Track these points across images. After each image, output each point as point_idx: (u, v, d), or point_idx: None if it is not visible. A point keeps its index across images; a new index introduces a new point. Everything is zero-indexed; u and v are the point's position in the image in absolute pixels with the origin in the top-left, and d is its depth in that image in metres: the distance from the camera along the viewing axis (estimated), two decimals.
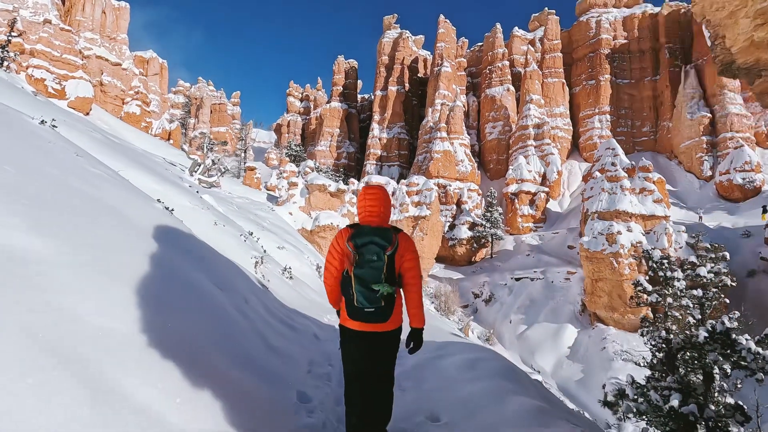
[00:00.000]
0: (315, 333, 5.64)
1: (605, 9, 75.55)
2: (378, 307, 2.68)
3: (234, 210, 15.56)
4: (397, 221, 38.71)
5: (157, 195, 7.93)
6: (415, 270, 2.82)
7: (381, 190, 2.95)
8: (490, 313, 36.05)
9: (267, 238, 13.36)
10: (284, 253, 12.92)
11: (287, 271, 9.51)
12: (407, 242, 2.83)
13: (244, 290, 4.76)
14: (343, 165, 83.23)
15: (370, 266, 2.67)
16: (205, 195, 12.84)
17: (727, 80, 56.87)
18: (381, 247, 2.70)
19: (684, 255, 27.41)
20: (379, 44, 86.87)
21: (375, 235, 2.74)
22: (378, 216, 2.87)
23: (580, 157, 70.41)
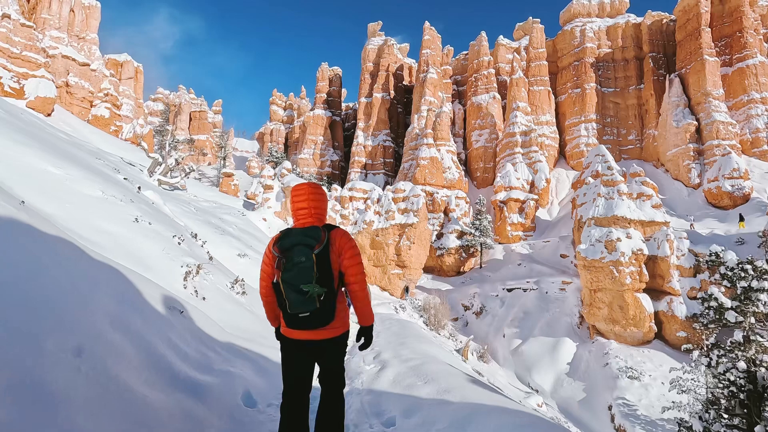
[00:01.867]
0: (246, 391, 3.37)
1: (589, 18, 75.90)
2: (313, 310, 2.55)
3: (190, 212, 13.16)
4: (383, 229, 36.54)
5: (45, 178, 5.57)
6: (355, 267, 2.75)
7: (310, 187, 2.86)
8: (482, 326, 33.95)
9: (226, 245, 11.01)
10: (245, 262, 10.58)
11: (239, 283, 7.20)
12: (343, 238, 2.75)
13: (90, 328, 2.48)
14: (327, 173, 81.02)
15: (298, 268, 2.52)
16: (148, 191, 10.44)
17: (711, 88, 56.99)
18: (308, 246, 2.58)
19: (686, 263, 25.88)
20: (363, 51, 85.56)
21: (302, 235, 2.63)
22: (309, 215, 2.79)
23: (566, 165, 69.73)
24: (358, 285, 2.73)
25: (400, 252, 36.59)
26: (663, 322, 25.06)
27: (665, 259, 25.39)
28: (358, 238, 36.98)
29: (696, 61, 59.02)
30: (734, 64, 59.21)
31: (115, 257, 4.70)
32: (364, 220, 36.93)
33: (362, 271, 2.80)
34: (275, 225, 21.59)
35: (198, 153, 32.13)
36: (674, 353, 24.19)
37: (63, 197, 5.49)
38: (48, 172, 5.94)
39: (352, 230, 36.74)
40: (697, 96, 58.14)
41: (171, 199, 14.55)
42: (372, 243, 37.26)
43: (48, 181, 5.64)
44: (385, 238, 36.66)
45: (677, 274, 25.42)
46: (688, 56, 60.82)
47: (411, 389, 3.65)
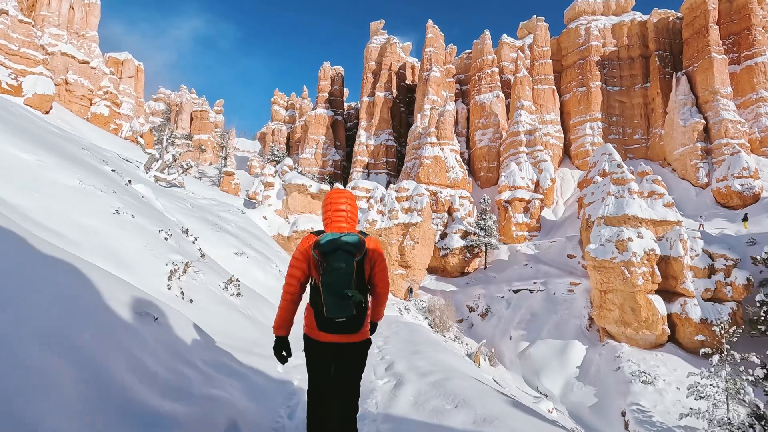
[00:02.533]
0: (232, 421, 2.64)
1: (594, 17, 75.06)
2: (350, 316, 2.58)
3: (185, 208, 12.46)
4: (386, 229, 35.79)
5: (10, 164, 4.85)
6: (384, 273, 2.85)
7: (348, 194, 2.95)
8: (487, 328, 33.16)
9: (222, 242, 10.29)
10: (243, 261, 9.85)
11: (233, 284, 6.47)
12: (377, 247, 2.84)
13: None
14: (329, 173, 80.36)
15: (339, 273, 2.54)
16: (139, 185, 9.74)
17: (719, 86, 56.07)
18: (349, 254, 2.60)
19: (701, 264, 25.07)
20: (366, 50, 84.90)
21: (343, 240, 2.63)
22: (346, 221, 2.83)
23: (571, 164, 68.88)
24: (384, 290, 2.87)
25: (403, 252, 35.84)
26: (676, 324, 24.24)
27: (679, 259, 24.57)
28: None
29: (703, 59, 58.10)
30: (742, 62, 58.27)
31: (83, 253, 3.99)
32: (367, 219, 36.20)
33: (388, 278, 2.91)
34: (276, 223, 20.87)
35: (197, 149, 31.46)
36: (688, 357, 23.39)
37: (30, 185, 4.78)
38: (16, 157, 5.24)
39: None
40: (704, 94, 57.22)
41: (166, 195, 13.85)
42: None
43: (13, 167, 4.93)
44: (388, 237, 35.92)
45: (691, 275, 24.61)
46: (696, 54, 59.90)
47: (439, 416, 2.94)
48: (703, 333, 23.32)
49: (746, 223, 42.09)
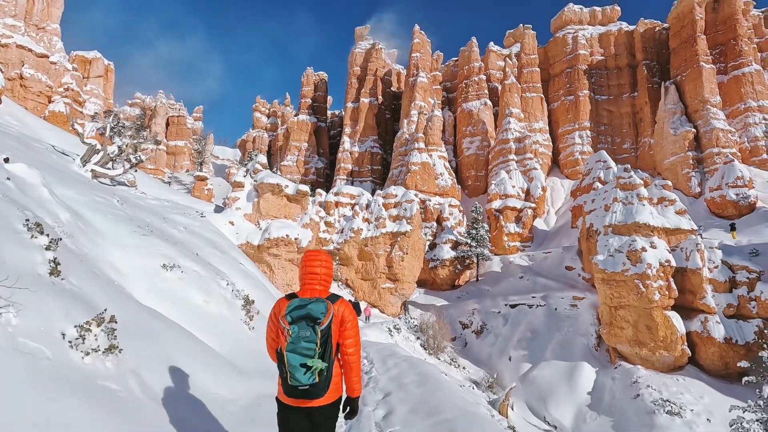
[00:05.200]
0: None
1: (581, 26, 74.73)
2: (312, 384, 2.64)
3: (110, 204, 9.23)
4: (373, 238, 32.73)
5: None
6: (353, 339, 2.85)
7: (323, 256, 2.98)
8: (483, 347, 30.25)
9: (145, 250, 7.12)
10: (174, 277, 6.71)
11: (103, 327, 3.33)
12: (346, 311, 2.85)
13: None
14: (311, 181, 77.02)
15: (303, 343, 2.63)
16: (18, 165, 6.51)
17: (709, 95, 55.52)
18: (315, 322, 2.66)
19: (721, 276, 22.78)
20: (350, 55, 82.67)
21: (310, 307, 2.69)
22: (319, 283, 2.90)
23: (560, 173, 67.48)
24: (354, 357, 2.85)
25: (391, 263, 32.81)
26: (697, 344, 21.81)
27: (697, 271, 22.26)
28: (345, 248, 33.11)
29: (692, 68, 57.67)
30: (729, 72, 58.07)
31: None
32: (352, 227, 33.12)
33: (359, 343, 2.92)
34: (244, 230, 17.64)
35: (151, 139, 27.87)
36: (713, 382, 20.92)
37: None
38: None
39: (338, 239, 32.85)
40: (694, 103, 56.61)
41: (89, 188, 10.55)
42: (360, 253, 33.40)
43: None
44: (375, 248, 32.86)
45: (710, 288, 22.33)
46: (684, 63, 59.50)
47: None
48: (728, 354, 20.93)
49: (734, 233, 40.77)
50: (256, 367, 5.70)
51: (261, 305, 9.33)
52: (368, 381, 7.29)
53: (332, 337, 2.71)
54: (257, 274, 13.18)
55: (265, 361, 6.05)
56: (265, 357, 6.71)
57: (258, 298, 9.47)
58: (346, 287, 34.16)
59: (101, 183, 14.74)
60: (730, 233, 41.13)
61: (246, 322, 7.24)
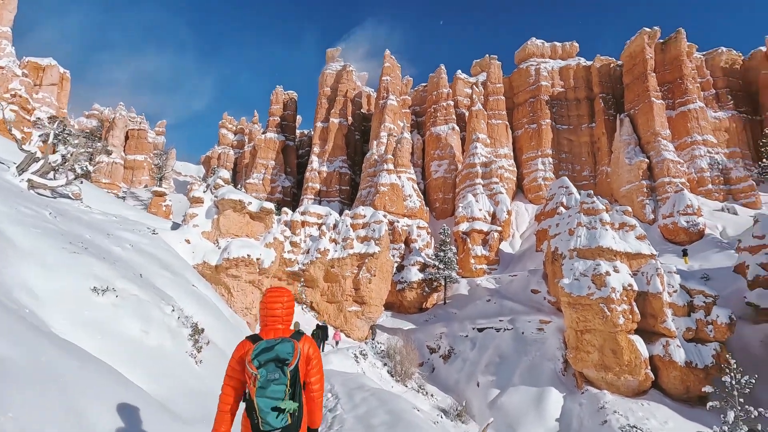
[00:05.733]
0: None
1: (543, 59, 78.57)
2: (285, 426, 2.59)
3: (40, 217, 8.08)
4: (340, 259, 31.80)
5: None
6: (318, 376, 2.88)
7: (285, 295, 2.93)
8: (451, 373, 29.56)
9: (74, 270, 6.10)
10: (106, 302, 5.74)
11: None
12: (312, 348, 2.85)
13: None
14: (278, 200, 75.30)
15: (272, 387, 2.56)
16: None
17: (660, 128, 59.16)
18: (283, 363, 2.62)
19: (680, 300, 23.41)
20: (321, 76, 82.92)
21: (277, 349, 2.64)
22: (282, 322, 2.86)
23: (524, 198, 69.32)
24: (319, 392, 2.88)
25: (358, 286, 31.87)
26: (659, 368, 22.10)
27: (658, 296, 22.79)
28: (310, 269, 31.92)
29: (644, 102, 61.52)
30: (677, 107, 62.36)
31: None
32: (318, 248, 32.09)
33: (323, 379, 2.96)
34: (201, 248, 16.36)
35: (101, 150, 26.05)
36: (676, 406, 21.12)
37: None
38: None
39: (303, 260, 31.66)
40: (646, 135, 60.11)
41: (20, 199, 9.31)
42: (326, 275, 32.30)
43: None
44: (342, 269, 31.89)
45: (670, 312, 22.85)
46: (636, 98, 63.42)
47: None
48: (689, 378, 21.29)
49: (686, 258, 42.80)
50: (199, 413, 4.79)
51: (213, 334, 8.34)
52: (332, 421, 6.45)
53: (300, 376, 2.69)
54: (213, 298, 12.06)
55: (212, 405, 5.14)
56: (213, 399, 5.78)
57: (210, 326, 8.46)
58: (310, 310, 32.82)
59: (40, 195, 13.30)
60: (682, 258, 43.13)
61: (192, 355, 6.28)
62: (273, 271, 18.01)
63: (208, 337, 7.56)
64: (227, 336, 9.50)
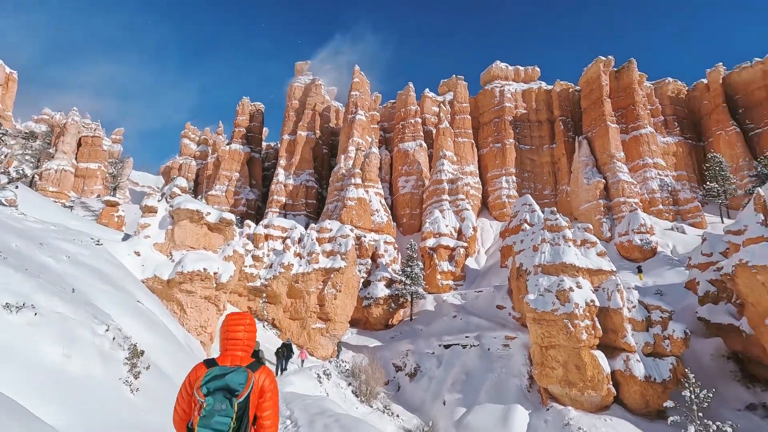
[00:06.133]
0: None
1: (507, 81, 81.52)
2: None
3: None
4: (304, 274, 30.75)
5: None
6: (272, 410, 2.69)
7: (247, 319, 2.82)
8: (417, 391, 28.92)
9: None
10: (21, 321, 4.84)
11: None
12: (267, 380, 2.68)
13: None
14: (241, 213, 72.99)
15: (217, 417, 2.41)
16: None
17: (615, 151, 62.28)
18: (232, 394, 2.48)
19: (639, 316, 24.05)
20: (289, 88, 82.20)
21: (228, 378, 2.52)
22: (242, 349, 2.74)
23: (489, 215, 70.67)
24: (271, 429, 2.67)
25: (323, 302, 30.87)
26: (620, 383, 22.45)
27: (618, 311, 23.34)
28: (273, 285, 30.66)
29: (600, 126, 64.78)
30: (630, 132, 66.09)
31: None
32: (282, 262, 30.94)
33: (278, 414, 2.76)
34: (153, 261, 15.05)
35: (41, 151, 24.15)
36: (637, 420, 21.42)
37: None
38: None
39: (265, 274, 30.40)
40: (603, 157, 63.12)
41: None
42: (290, 290, 31.12)
43: None
44: (306, 285, 30.82)
45: (630, 327, 23.41)
46: (593, 122, 66.73)
47: None
48: (648, 392, 21.72)
49: (641, 275, 44.68)
50: None
51: (158, 356, 7.43)
52: None
53: (249, 409, 2.52)
54: (162, 315, 11.00)
55: None
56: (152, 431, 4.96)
57: (154, 347, 7.55)
58: (272, 327, 31.40)
59: None
60: (637, 275, 44.94)
61: (127, 382, 5.44)
62: (232, 286, 16.90)
63: (150, 361, 6.69)
64: (176, 358, 8.56)
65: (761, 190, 23.12)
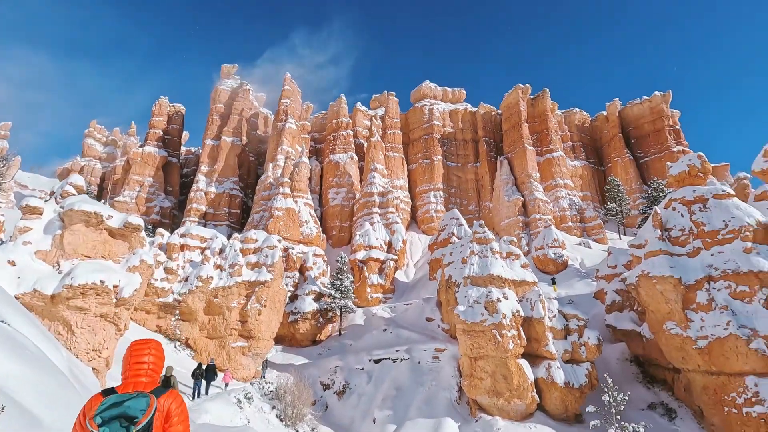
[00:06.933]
0: None
1: (435, 101, 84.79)
2: None
3: None
4: (226, 288, 28.21)
5: None
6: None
7: (154, 344, 2.65)
8: (346, 410, 27.66)
9: None
10: None
11: None
12: (173, 404, 2.48)
13: None
14: (154, 221, 66.48)
15: None
16: None
17: (532, 171, 67.12)
18: (130, 421, 2.27)
19: (558, 325, 25.34)
20: (214, 91, 77.59)
21: (127, 405, 2.30)
22: (146, 374, 2.54)
23: (417, 229, 72.07)
24: None
25: (246, 318, 28.51)
26: (543, 390, 23.33)
27: (540, 320, 24.41)
28: (189, 300, 27.69)
29: (519, 147, 69.68)
30: (544, 155, 71.94)
31: None
32: (200, 275, 28.13)
33: None
34: (32, 272, 12.25)
35: None
36: (558, 426, 22.29)
37: None
38: None
39: (180, 289, 27.37)
40: (521, 176, 67.76)
41: None
42: (208, 306, 28.33)
43: None
44: (227, 299, 28.28)
45: (551, 336, 24.58)
46: (513, 143, 71.61)
47: None
48: (567, 398, 22.80)
49: (555, 286, 48.12)
50: None
51: (22, 391, 5.70)
52: None
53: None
54: (38, 338, 8.87)
55: None
56: None
57: (18, 379, 5.81)
58: (185, 348, 28.23)
59: None
60: (552, 287, 48.17)
61: None
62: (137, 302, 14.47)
63: (9, 398, 5.04)
64: (50, 392, 6.75)
65: (658, 208, 25.89)
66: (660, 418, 23.65)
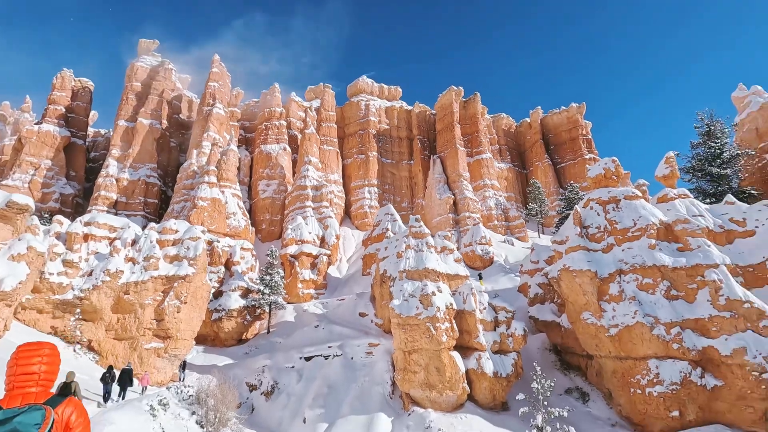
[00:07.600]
0: None
1: (372, 97, 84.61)
2: None
3: None
4: (139, 283, 25.25)
5: None
6: None
7: (46, 350, 2.35)
8: (274, 411, 26.27)
9: None
10: None
11: None
12: (73, 413, 2.23)
13: None
14: (52, 209, 58.40)
15: None
16: None
17: (462, 171, 69.60)
18: None
19: (488, 317, 26.18)
20: (130, 68, 70.13)
21: (17, 421, 2.03)
22: (37, 384, 2.26)
23: (351, 224, 71.43)
24: None
25: (162, 316, 25.79)
26: (473, 380, 23.94)
27: (472, 313, 25.05)
28: (93, 297, 24.36)
29: (451, 148, 71.94)
30: (474, 156, 75.04)
31: None
32: (107, 269, 24.88)
33: None
34: None
35: None
36: (487, 414, 23.00)
37: None
38: None
39: (81, 284, 23.96)
40: (453, 176, 70.01)
41: None
42: (117, 304, 25.18)
43: None
44: (140, 296, 25.35)
45: (482, 328, 25.33)
46: (445, 143, 73.76)
47: None
48: (495, 387, 23.64)
49: (482, 281, 50.35)
50: None
51: None
52: None
53: None
54: None
55: None
56: None
57: None
58: (88, 351, 24.82)
59: None
60: (479, 281, 50.22)
61: None
62: (21, 297, 11.98)
63: None
64: None
65: (578, 207, 27.87)
66: (575, 401, 25.45)
